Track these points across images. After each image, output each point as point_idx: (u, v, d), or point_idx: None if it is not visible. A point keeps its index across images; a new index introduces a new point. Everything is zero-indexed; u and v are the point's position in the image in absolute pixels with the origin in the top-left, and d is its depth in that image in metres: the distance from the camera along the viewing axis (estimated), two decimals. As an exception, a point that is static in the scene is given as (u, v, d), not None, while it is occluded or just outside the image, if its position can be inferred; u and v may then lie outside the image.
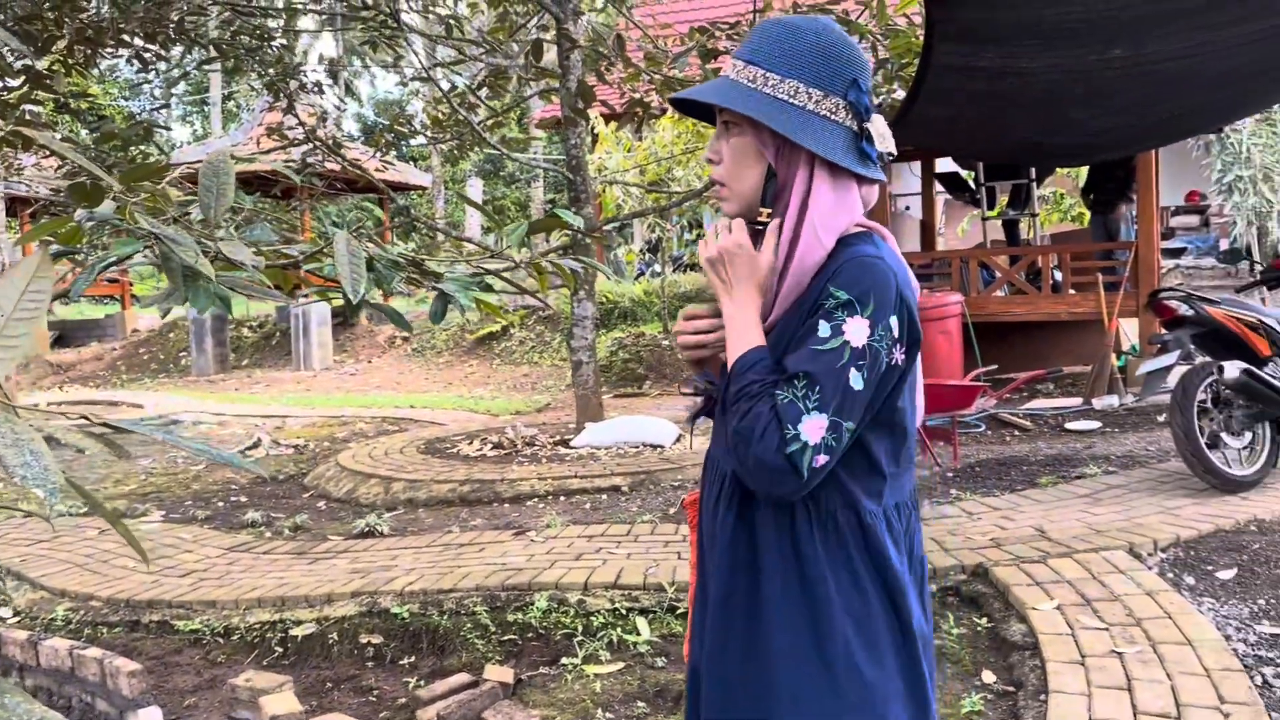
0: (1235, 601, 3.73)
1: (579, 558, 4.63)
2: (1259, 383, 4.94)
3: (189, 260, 1.70)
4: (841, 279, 1.34)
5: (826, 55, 1.40)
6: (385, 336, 15.81)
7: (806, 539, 1.38)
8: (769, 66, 1.40)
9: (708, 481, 1.55)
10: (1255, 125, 13.60)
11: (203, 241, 1.90)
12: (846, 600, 1.37)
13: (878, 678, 1.36)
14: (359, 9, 7.43)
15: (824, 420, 1.28)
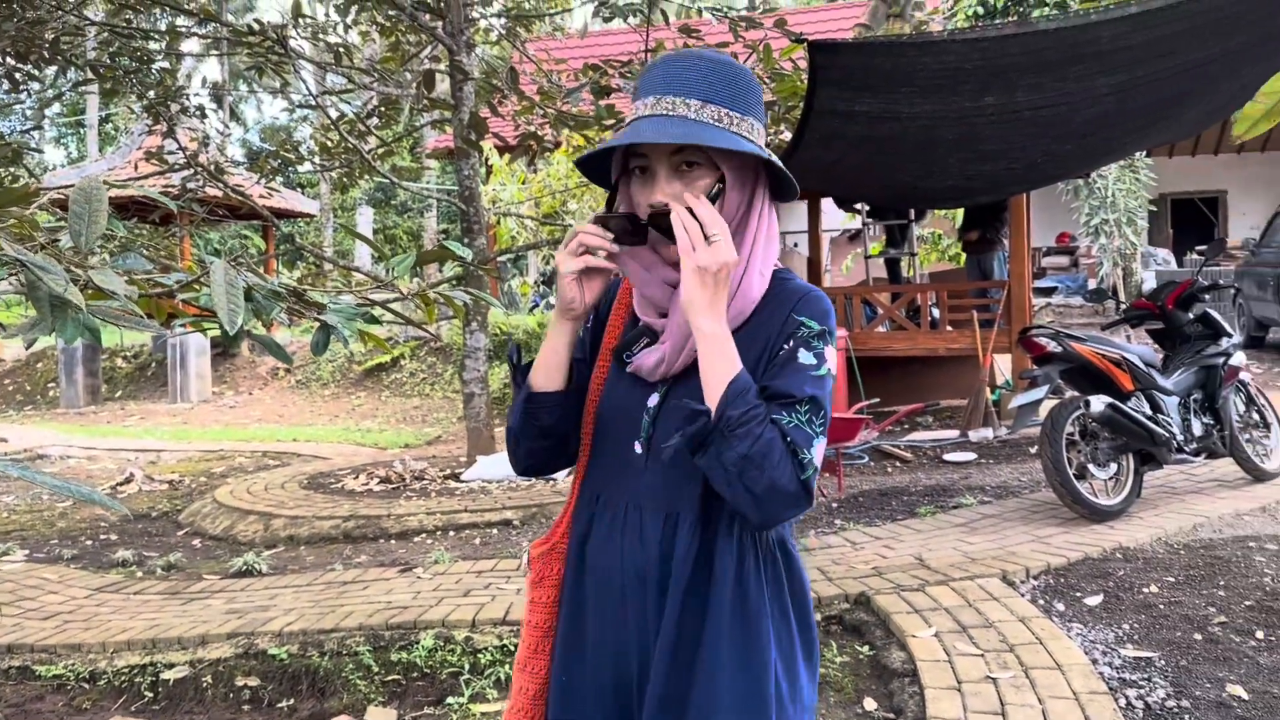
0: (1102, 626, 3.89)
1: (467, 594, 4.57)
2: (1123, 416, 5.19)
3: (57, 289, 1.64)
4: (811, 310, 1.39)
5: (755, 90, 1.42)
6: (268, 368, 15.38)
7: (754, 572, 1.37)
8: (729, 105, 1.36)
9: (611, 520, 1.43)
10: (1119, 171, 14.37)
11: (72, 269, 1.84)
12: (778, 635, 1.38)
13: (795, 714, 1.38)
14: (245, 34, 7.29)
15: (823, 444, 1.33)
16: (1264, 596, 4.05)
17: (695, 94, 1.36)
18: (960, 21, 14.97)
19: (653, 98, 1.36)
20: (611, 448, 1.45)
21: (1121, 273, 14.75)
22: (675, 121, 1.34)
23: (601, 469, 1.46)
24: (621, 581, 1.40)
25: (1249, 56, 5.39)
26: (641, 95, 1.38)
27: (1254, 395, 5.98)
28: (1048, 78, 5.13)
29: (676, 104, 1.35)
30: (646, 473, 1.41)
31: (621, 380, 1.46)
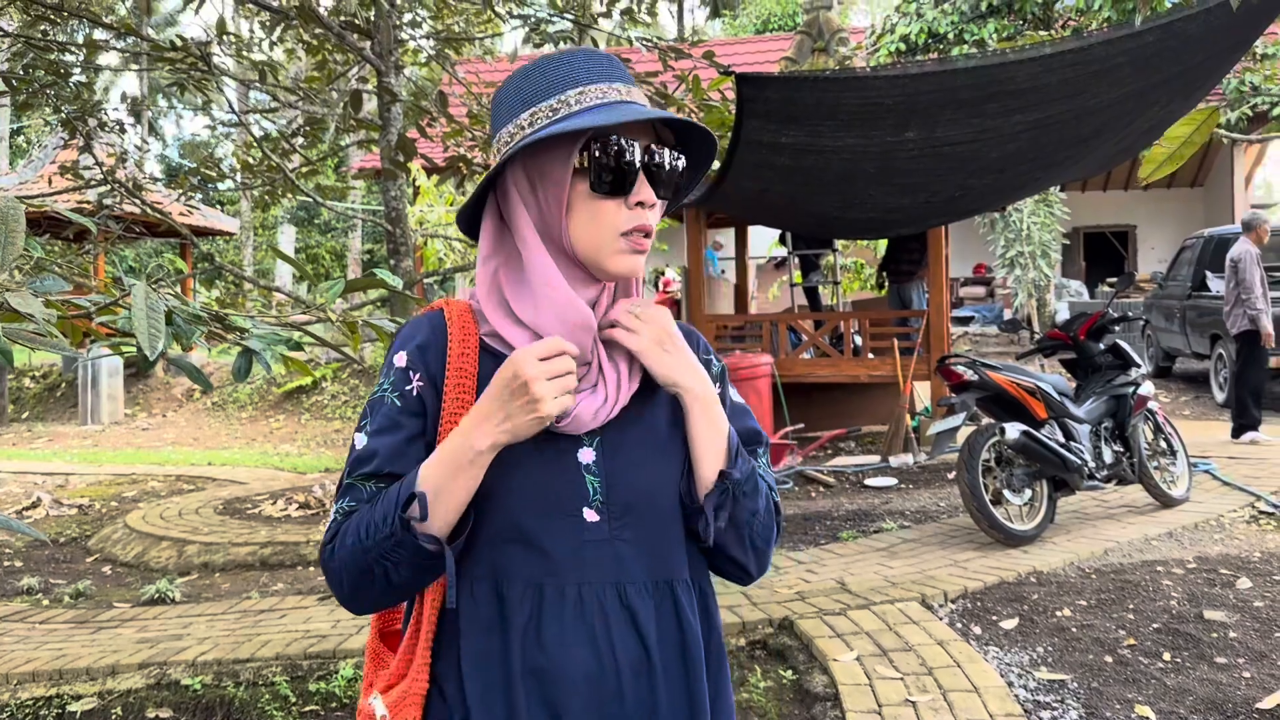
0: (1017, 649, 3.98)
1: (388, 621, 4.50)
2: (1037, 443, 5.34)
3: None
4: (706, 347, 1.36)
5: None
6: (183, 389, 15.00)
7: (709, 625, 1.26)
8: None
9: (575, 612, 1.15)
10: (1034, 205, 14.83)
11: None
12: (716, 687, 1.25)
13: None
14: (166, 49, 7.15)
15: None
16: (1171, 619, 4.18)
17: (630, 83, 1.25)
18: (883, 57, 15.37)
19: (600, 85, 1.21)
20: (546, 525, 1.16)
21: (1036, 303, 15.19)
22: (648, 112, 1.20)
23: (535, 554, 1.16)
24: (617, 683, 1.15)
25: (1157, 98, 5.63)
26: (560, 90, 1.20)
27: (1161, 424, 6.20)
28: (965, 114, 5.29)
29: (631, 91, 1.23)
30: (613, 544, 1.18)
31: (530, 448, 1.16)
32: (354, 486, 1.18)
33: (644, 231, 1.20)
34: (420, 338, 1.22)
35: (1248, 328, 8.10)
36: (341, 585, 1.16)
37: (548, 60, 1.23)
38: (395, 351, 1.24)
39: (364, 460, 1.19)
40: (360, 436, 1.21)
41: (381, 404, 1.21)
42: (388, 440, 1.18)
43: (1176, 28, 4.89)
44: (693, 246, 9.41)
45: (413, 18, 8.62)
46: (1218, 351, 10.66)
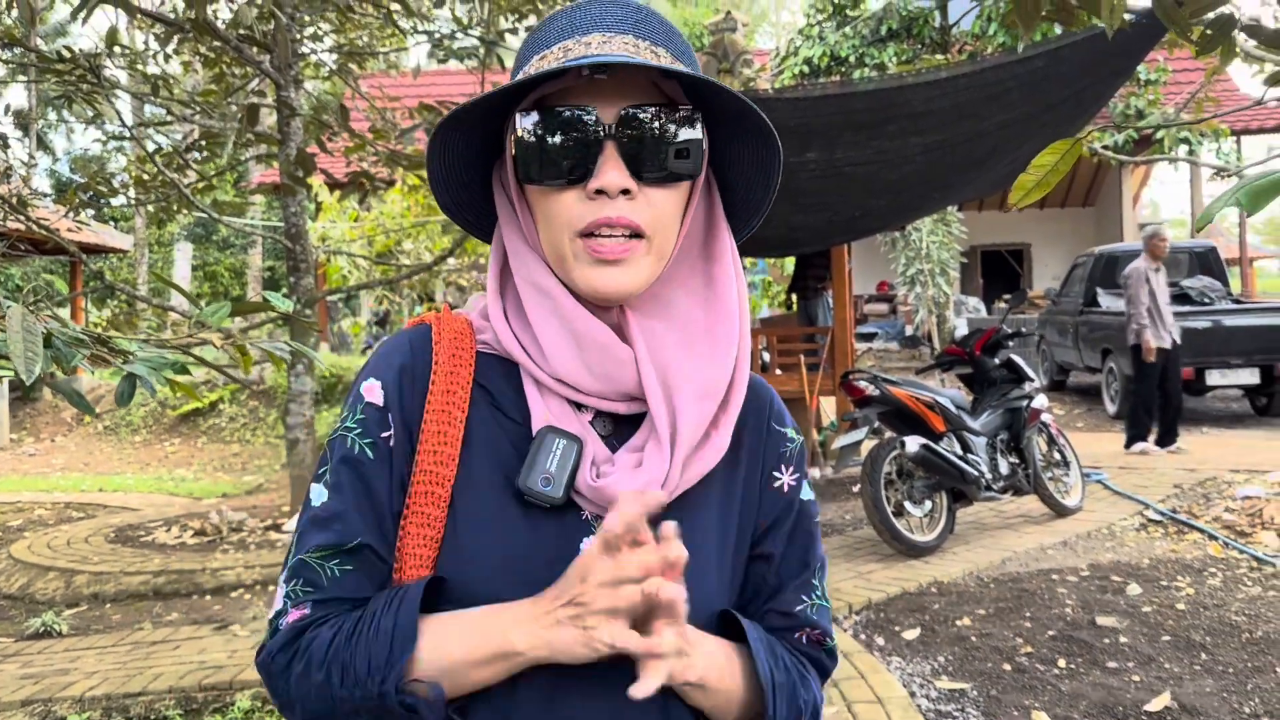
0: (919, 659, 4.05)
1: (288, 649, 4.37)
2: (936, 456, 5.46)
3: None
4: (785, 415, 1.07)
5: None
6: (73, 413, 14.42)
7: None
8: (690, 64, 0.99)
9: None
10: (932, 224, 15.23)
11: None
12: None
13: None
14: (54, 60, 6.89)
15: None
16: (1065, 626, 4.31)
17: (658, 40, 0.95)
18: (787, 79, 15.64)
19: (599, 34, 0.93)
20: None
21: (936, 320, 15.59)
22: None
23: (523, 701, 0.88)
24: None
25: (1046, 120, 5.83)
26: (557, 39, 0.94)
27: (1055, 435, 6.40)
28: (864, 136, 5.41)
29: (642, 48, 0.93)
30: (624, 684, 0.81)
31: (521, 530, 0.90)
32: (309, 566, 0.89)
33: (614, 227, 0.89)
34: (399, 360, 0.95)
35: (1135, 341, 8.43)
36: (293, 712, 0.89)
37: (557, 12, 0.98)
38: (365, 379, 0.95)
39: (321, 525, 0.90)
40: (317, 489, 0.93)
41: (346, 450, 0.92)
42: (353, 500, 0.91)
43: (1063, 54, 5.08)
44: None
45: (314, 31, 8.48)
46: (1109, 365, 11.07)
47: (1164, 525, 6.03)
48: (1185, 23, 1.64)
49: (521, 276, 0.94)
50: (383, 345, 0.99)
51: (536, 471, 0.89)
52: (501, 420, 0.95)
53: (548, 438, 0.90)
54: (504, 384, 0.96)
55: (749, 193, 1.02)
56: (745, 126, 0.96)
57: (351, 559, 0.89)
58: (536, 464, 0.89)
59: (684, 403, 0.92)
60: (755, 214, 1.03)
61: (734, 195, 1.02)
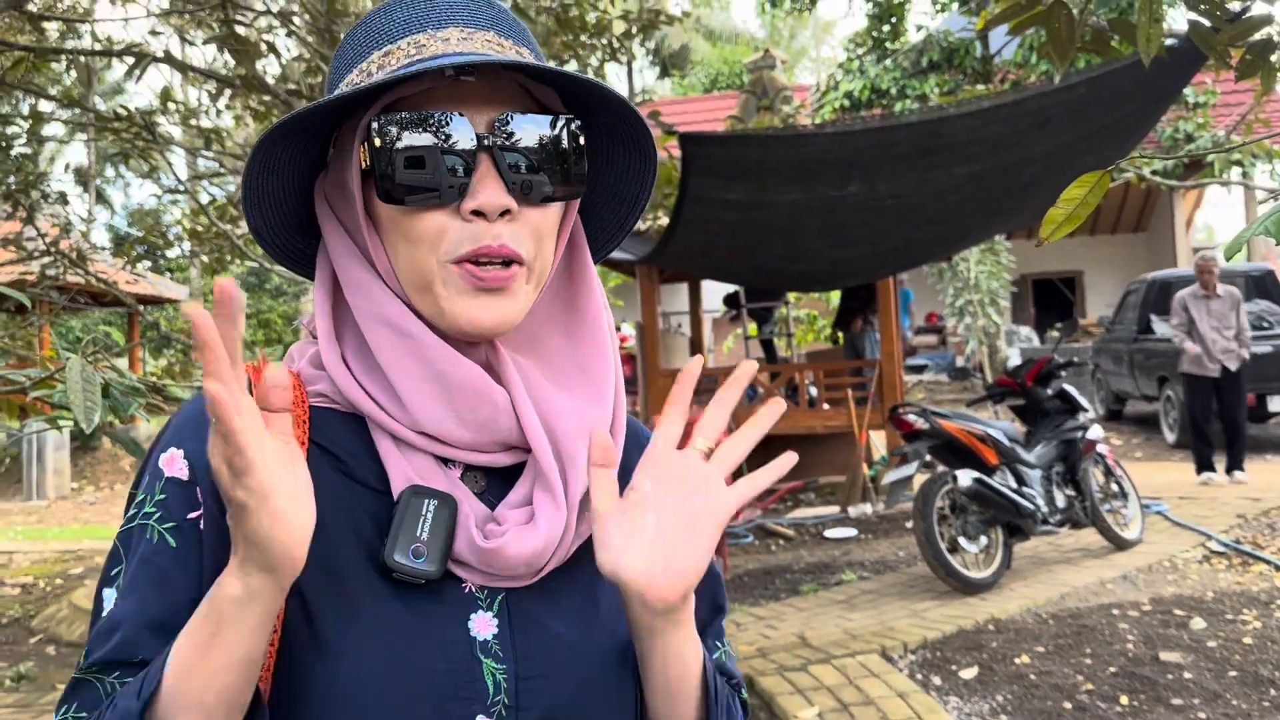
0: (977, 699, 3.97)
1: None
2: (989, 490, 5.37)
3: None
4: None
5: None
6: (131, 461, 14.71)
7: None
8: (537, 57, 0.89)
9: None
10: (980, 254, 15.10)
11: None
12: None
13: None
14: (110, 119, 7.12)
15: None
16: (1127, 663, 4.20)
17: (520, 40, 0.85)
18: (828, 113, 15.68)
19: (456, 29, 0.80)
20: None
21: (987, 351, 15.40)
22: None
23: None
24: None
25: (1089, 147, 5.78)
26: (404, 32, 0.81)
27: (1111, 466, 6.27)
28: (906, 168, 5.40)
29: (507, 46, 0.82)
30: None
31: (398, 615, 0.76)
32: (87, 684, 0.74)
33: (492, 257, 0.76)
34: (208, 423, 0.66)
35: (1183, 369, 8.34)
36: None
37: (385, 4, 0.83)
38: (162, 450, 0.78)
39: (103, 636, 0.74)
40: (108, 594, 0.76)
41: (140, 541, 0.76)
42: (140, 604, 0.74)
43: (1105, 80, 5.04)
44: (646, 301, 9.45)
45: (360, 83, 8.67)
46: (1166, 393, 10.85)
47: (1228, 557, 5.87)
48: (1223, 48, 1.63)
49: (365, 312, 0.78)
50: (180, 411, 0.81)
51: (404, 541, 0.74)
52: (352, 487, 0.79)
53: (414, 501, 0.75)
54: (350, 443, 0.80)
55: (613, 209, 0.91)
56: (621, 136, 0.85)
57: (136, 673, 0.72)
58: (403, 533, 0.74)
59: (570, 447, 0.80)
60: (618, 233, 0.92)
61: (594, 214, 0.91)
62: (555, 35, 7.09)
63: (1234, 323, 8.24)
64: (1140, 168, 7.21)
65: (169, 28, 8.38)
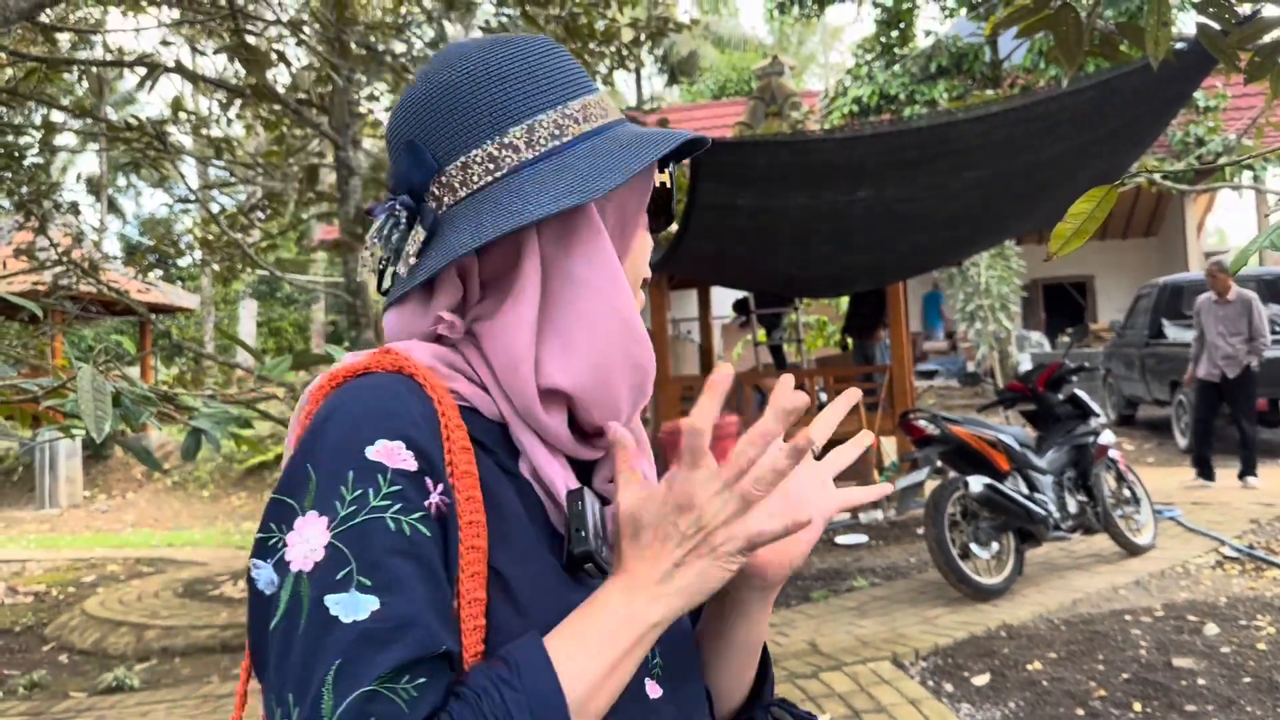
0: (989, 706, 3.95)
1: (352, 701, 4.40)
2: (1001, 496, 5.35)
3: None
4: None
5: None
6: (142, 469, 14.76)
7: None
8: None
9: None
10: (990, 259, 15.06)
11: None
12: None
13: None
14: (122, 129, 7.16)
15: None
16: (1140, 669, 4.17)
17: None
18: (836, 119, 15.68)
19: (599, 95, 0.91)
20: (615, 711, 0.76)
21: (998, 356, 15.36)
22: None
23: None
24: None
25: (1099, 151, 5.77)
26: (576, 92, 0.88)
27: (1123, 472, 6.24)
28: (915, 173, 5.39)
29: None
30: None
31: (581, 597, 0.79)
32: (381, 699, 0.67)
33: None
34: (415, 409, 0.77)
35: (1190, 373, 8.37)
36: None
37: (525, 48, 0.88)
38: (374, 440, 0.74)
39: (384, 640, 0.68)
40: (345, 599, 0.69)
41: (382, 535, 0.71)
42: (423, 596, 0.71)
43: (1115, 84, 5.03)
44: (656, 308, 9.45)
45: (371, 92, 8.70)
46: (1178, 398, 10.79)
47: (1241, 562, 5.84)
48: (1232, 51, 1.62)
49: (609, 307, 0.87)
50: (371, 395, 0.77)
51: (593, 537, 0.79)
52: (509, 479, 0.83)
53: (586, 498, 0.81)
54: (493, 441, 0.84)
55: None
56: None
57: (430, 670, 0.69)
58: (588, 529, 0.79)
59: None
60: None
61: None
62: (564, 43, 7.11)
63: (1243, 328, 8.16)
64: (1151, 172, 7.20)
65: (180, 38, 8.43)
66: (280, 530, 0.72)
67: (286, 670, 0.68)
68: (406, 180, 0.86)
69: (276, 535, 0.72)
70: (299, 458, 0.75)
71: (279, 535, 0.72)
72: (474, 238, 0.81)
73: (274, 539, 0.73)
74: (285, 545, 0.71)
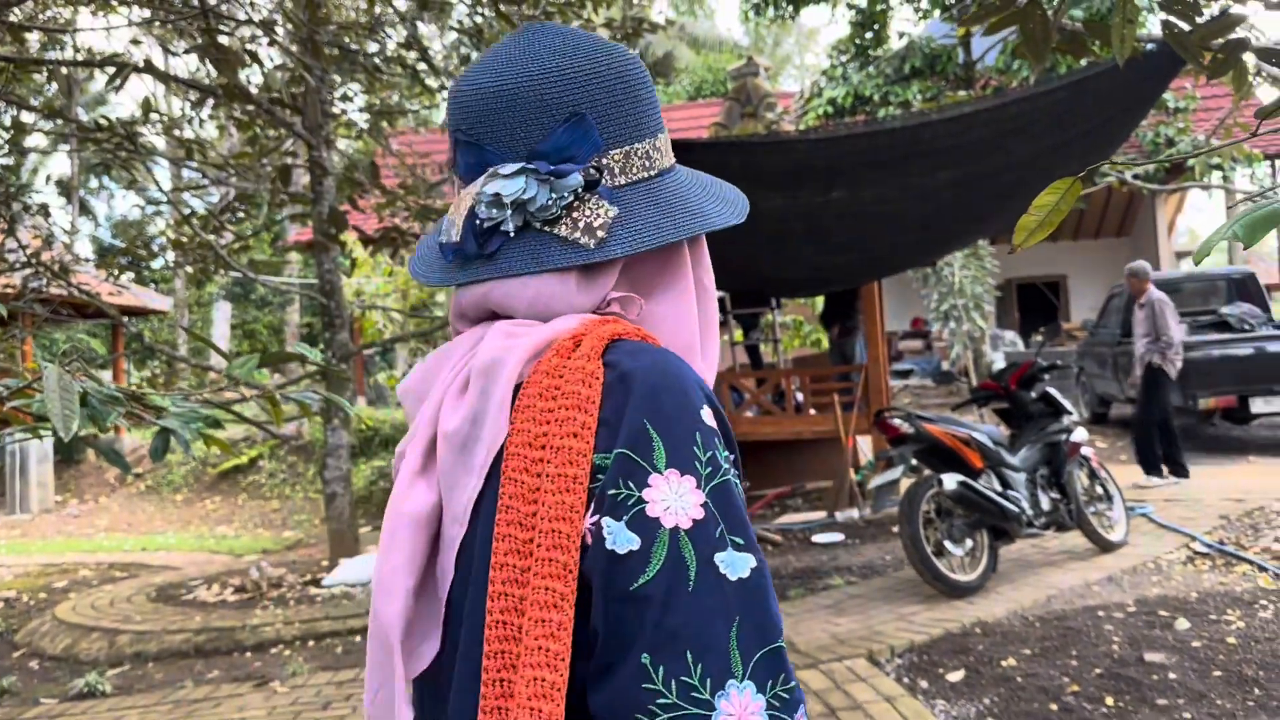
0: (964, 702, 3.97)
1: (327, 706, 4.37)
2: (974, 493, 5.38)
3: None
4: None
5: None
6: (115, 473, 14.61)
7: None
8: None
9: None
10: (964, 259, 15.14)
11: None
12: None
13: None
14: (93, 130, 7.09)
15: None
16: (1113, 664, 4.21)
17: None
18: (811, 120, 15.73)
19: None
20: None
21: (972, 355, 15.45)
22: None
23: None
24: None
25: (1071, 152, 5.81)
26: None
27: (1096, 469, 6.29)
28: (888, 173, 5.42)
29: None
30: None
31: None
32: (782, 651, 0.73)
33: None
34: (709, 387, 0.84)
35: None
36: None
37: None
38: (701, 405, 0.79)
39: (768, 595, 0.74)
40: (735, 558, 0.73)
41: (737, 493, 0.77)
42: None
43: (1086, 85, 5.08)
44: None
45: (344, 92, 8.66)
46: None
47: (1212, 558, 5.90)
48: (1196, 49, 1.64)
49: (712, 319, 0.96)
50: (671, 361, 0.80)
51: None
52: None
53: None
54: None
55: None
56: None
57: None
58: None
59: None
60: None
61: None
62: (538, 43, 7.11)
63: (1149, 329, 8.32)
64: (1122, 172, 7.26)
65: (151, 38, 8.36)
66: (633, 488, 0.73)
67: (674, 629, 0.69)
68: (565, 151, 0.85)
69: (628, 492, 0.73)
70: (633, 416, 0.75)
71: (633, 492, 0.73)
72: (685, 227, 0.87)
73: (627, 495, 0.73)
74: (645, 503, 0.72)
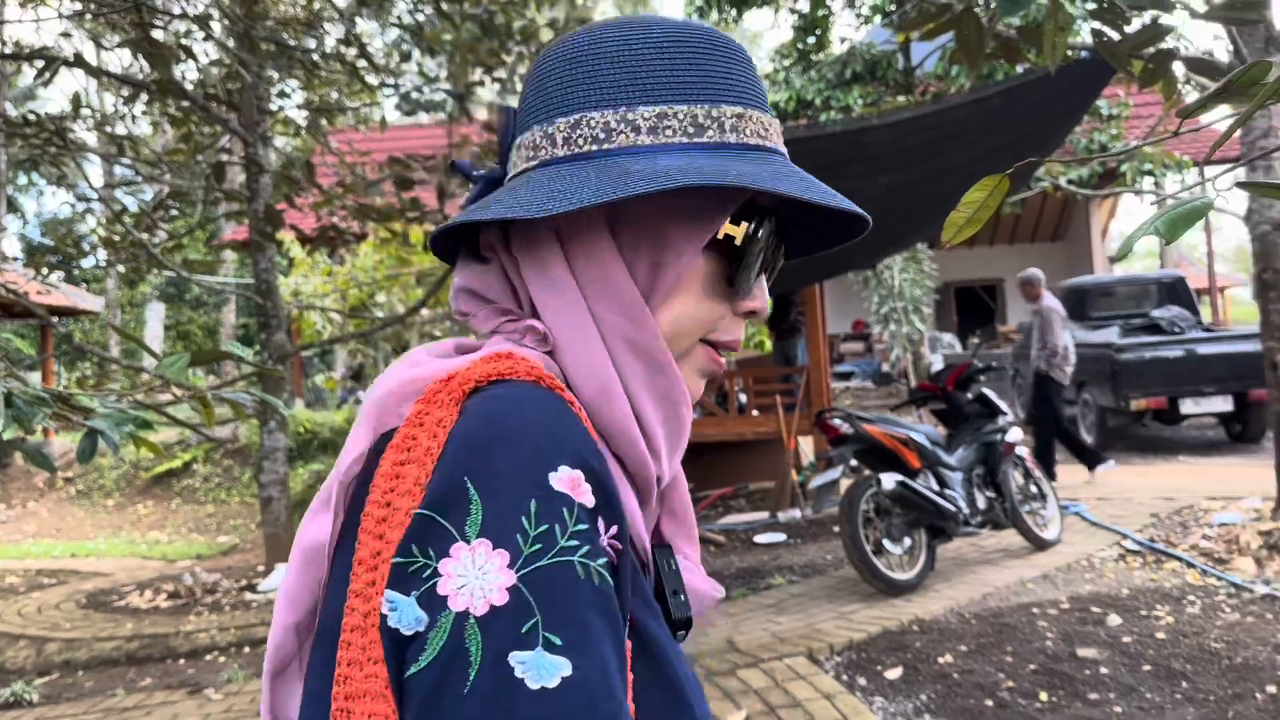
0: (902, 698, 4.02)
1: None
2: (912, 493, 5.46)
3: None
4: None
5: None
6: (44, 478, 14.22)
7: None
8: None
9: None
10: (904, 262, 15.37)
11: None
12: None
13: None
14: (21, 125, 6.90)
15: None
16: (1047, 660, 4.29)
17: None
18: (754, 122, 15.81)
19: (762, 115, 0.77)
20: None
21: (911, 356, 15.67)
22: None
23: None
24: None
25: (1004, 158, 5.92)
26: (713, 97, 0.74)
27: (1030, 468, 6.41)
28: (830, 177, 5.43)
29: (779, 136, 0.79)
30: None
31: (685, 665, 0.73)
32: None
33: (731, 349, 0.81)
34: (588, 438, 0.66)
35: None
36: None
37: (701, 36, 0.76)
38: (558, 466, 0.63)
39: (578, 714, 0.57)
40: (542, 661, 0.58)
41: (576, 582, 0.60)
42: (615, 661, 0.61)
43: (1020, 92, 5.17)
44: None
45: (282, 89, 8.53)
46: (1084, 397, 11.14)
47: (1142, 555, 6.04)
48: (1125, 57, 1.68)
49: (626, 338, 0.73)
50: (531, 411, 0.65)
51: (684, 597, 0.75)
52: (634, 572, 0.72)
53: (664, 554, 0.76)
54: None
55: None
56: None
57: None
58: (680, 588, 0.74)
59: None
60: None
61: None
62: (480, 42, 7.06)
63: (1040, 336, 8.69)
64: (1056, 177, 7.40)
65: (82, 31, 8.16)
66: (429, 557, 0.60)
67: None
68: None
69: (423, 562, 0.60)
70: (454, 472, 0.62)
71: (428, 563, 0.60)
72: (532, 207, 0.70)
73: (419, 566, 0.60)
74: (440, 576, 0.59)
